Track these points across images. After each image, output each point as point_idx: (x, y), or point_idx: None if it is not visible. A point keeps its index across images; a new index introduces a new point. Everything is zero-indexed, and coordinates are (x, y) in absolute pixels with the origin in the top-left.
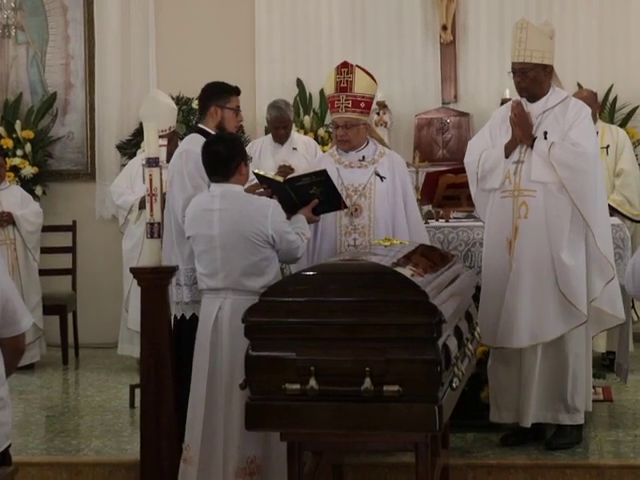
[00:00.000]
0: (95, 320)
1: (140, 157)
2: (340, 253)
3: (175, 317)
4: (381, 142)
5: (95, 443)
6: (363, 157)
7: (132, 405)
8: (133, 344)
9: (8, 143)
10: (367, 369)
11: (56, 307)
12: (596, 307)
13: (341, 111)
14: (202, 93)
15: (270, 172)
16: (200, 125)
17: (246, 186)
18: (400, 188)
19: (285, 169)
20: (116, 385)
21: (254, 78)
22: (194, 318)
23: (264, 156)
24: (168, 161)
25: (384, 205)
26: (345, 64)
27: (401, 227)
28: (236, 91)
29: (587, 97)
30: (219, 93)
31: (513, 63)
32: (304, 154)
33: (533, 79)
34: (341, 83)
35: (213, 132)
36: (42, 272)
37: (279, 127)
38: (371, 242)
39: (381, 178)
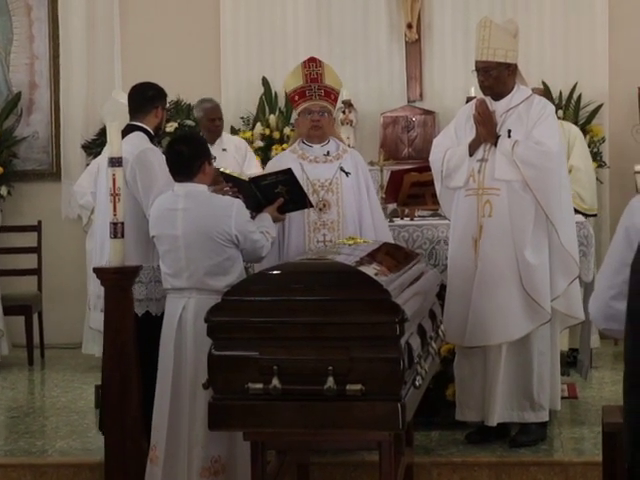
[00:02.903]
0: (61, 320)
1: (103, 157)
2: (304, 252)
3: None
4: (340, 140)
5: (60, 444)
6: (328, 152)
7: (97, 405)
8: (96, 343)
9: None
10: (330, 368)
11: (21, 307)
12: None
13: (315, 98)
14: (142, 93)
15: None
16: (140, 124)
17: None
18: (364, 185)
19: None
20: (81, 385)
21: (220, 77)
22: (147, 315)
23: None
24: None
25: (351, 200)
26: (312, 59)
27: (367, 223)
28: None
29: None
30: (161, 95)
31: (476, 62)
32: (234, 155)
33: (496, 78)
34: (311, 75)
35: (152, 132)
36: (7, 272)
37: (214, 118)
38: (336, 241)
39: (346, 174)
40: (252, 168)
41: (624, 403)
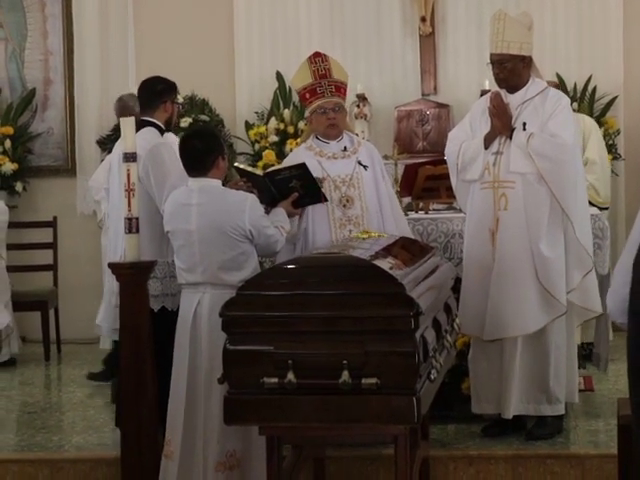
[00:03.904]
0: (77, 316)
1: (115, 153)
2: (318, 247)
3: None
4: (352, 133)
5: (76, 439)
6: (345, 147)
7: (114, 400)
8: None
9: None
10: (345, 362)
11: (37, 303)
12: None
13: (327, 95)
14: (151, 88)
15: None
16: (150, 119)
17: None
18: (380, 176)
19: None
20: (98, 381)
21: (233, 72)
22: (163, 311)
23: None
24: None
25: (372, 194)
26: (318, 54)
27: (388, 215)
28: (176, 87)
29: None
30: (170, 89)
31: (491, 54)
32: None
33: (511, 70)
34: (319, 71)
35: (163, 126)
36: (23, 268)
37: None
38: (350, 235)
39: (364, 167)
40: None
41: (630, 397)
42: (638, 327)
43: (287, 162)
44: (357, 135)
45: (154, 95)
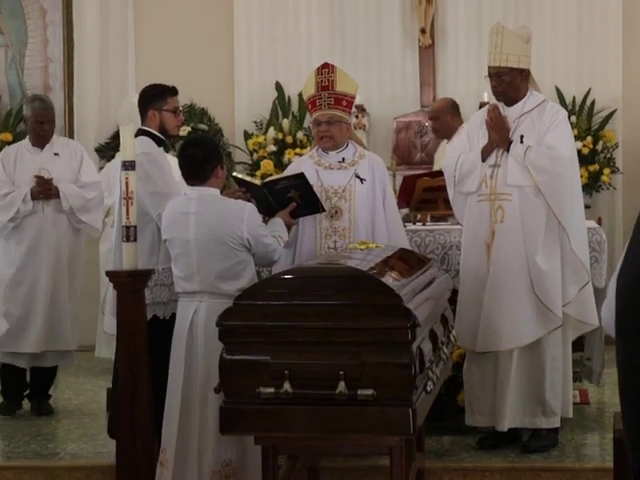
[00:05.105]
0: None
1: (118, 160)
2: (317, 257)
3: None
4: (360, 144)
5: (72, 447)
6: (343, 159)
7: (109, 408)
8: (111, 346)
9: None
10: (341, 373)
11: None
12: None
13: (324, 108)
14: (142, 95)
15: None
16: (145, 128)
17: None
18: (380, 190)
19: (41, 181)
20: (94, 388)
21: (233, 81)
22: (155, 319)
23: (20, 162)
24: None
25: (364, 207)
26: (326, 65)
27: (380, 230)
28: (172, 92)
29: (441, 108)
30: (154, 96)
31: (489, 67)
32: (69, 160)
33: (509, 83)
34: (322, 82)
35: (158, 134)
36: None
37: (43, 121)
38: (348, 245)
39: (361, 180)
40: (87, 175)
41: (622, 416)
42: (625, 346)
43: (289, 170)
44: (363, 145)
45: (143, 103)
